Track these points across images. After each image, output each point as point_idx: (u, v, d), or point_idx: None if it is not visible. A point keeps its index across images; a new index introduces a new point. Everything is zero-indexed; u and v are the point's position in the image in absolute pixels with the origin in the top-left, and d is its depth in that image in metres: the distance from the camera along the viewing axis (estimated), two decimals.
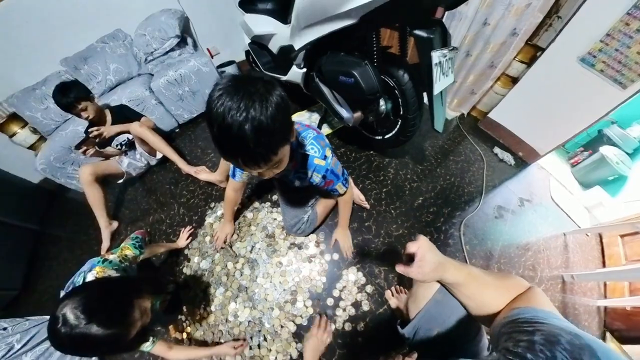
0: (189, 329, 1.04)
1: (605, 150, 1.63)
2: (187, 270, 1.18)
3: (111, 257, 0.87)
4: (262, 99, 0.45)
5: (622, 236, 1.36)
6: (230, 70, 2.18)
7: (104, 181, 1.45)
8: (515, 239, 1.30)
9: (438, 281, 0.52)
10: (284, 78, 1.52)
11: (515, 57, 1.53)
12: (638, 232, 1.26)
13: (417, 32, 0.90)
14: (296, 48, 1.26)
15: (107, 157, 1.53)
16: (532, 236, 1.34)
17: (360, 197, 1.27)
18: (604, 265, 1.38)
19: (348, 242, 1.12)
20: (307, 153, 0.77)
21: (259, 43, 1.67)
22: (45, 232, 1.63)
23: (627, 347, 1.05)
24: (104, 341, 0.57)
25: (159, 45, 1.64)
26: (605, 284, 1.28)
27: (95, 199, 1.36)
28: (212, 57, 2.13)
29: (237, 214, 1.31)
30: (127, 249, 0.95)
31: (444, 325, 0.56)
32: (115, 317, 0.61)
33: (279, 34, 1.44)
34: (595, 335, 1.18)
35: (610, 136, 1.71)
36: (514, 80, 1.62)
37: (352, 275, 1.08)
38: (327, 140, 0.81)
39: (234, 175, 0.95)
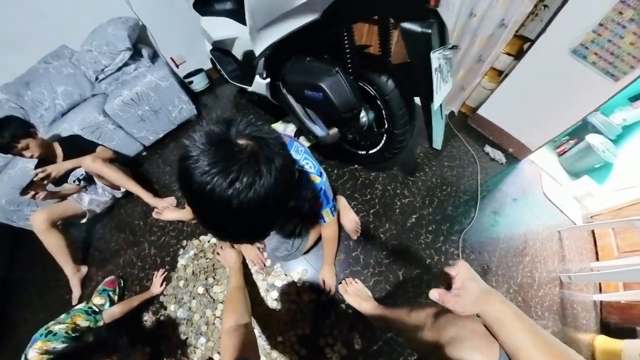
0: None
1: (591, 138, 1.61)
2: (164, 319, 1.07)
3: (56, 328, 0.78)
4: (265, 173, 0.38)
5: (613, 228, 1.35)
6: (199, 79, 1.99)
7: (66, 223, 1.29)
8: (511, 245, 1.25)
9: (478, 316, 0.44)
10: (249, 89, 1.36)
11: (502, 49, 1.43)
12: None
13: (408, 25, 0.67)
14: (256, 54, 1.06)
15: (63, 197, 1.36)
16: (528, 239, 1.30)
17: (355, 221, 1.15)
18: (597, 257, 1.38)
19: (334, 280, 1.04)
20: (302, 169, 0.67)
21: (221, 49, 1.49)
22: (13, 279, 1.47)
23: (625, 342, 1.04)
24: None
25: (109, 61, 1.43)
26: (600, 284, 1.28)
27: (55, 247, 1.20)
28: (177, 66, 1.92)
29: (209, 252, 1.20)
30: (79, 317, 0.84)
31: None
32: None
33: (241, 37, 1.25)
34: (592, 329, 1.22)
35: (594, 124, 1.68)
36: (500, 74, 1.54)
37: (341, 314, 1.00)
38: None
39: None
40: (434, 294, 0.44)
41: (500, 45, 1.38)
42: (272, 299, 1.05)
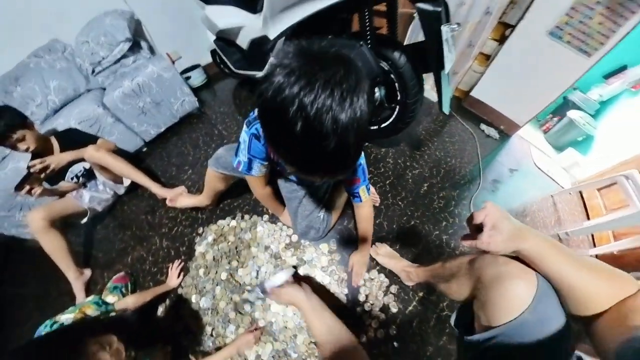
0: None
1: (572, 114, 1.78)
2: (185, 313, 1.01)
3: (63, 317, 0.74)
4: (360, 91, 0.33)
5: (599, 190, 1.50)
6: (196, 75, 1.96)
7: (64, 224, 1.19)
8: (512, 208, 1.36)
9: (516, 257, 0.43)
10: (260, 74, 1.37)
11: (489, 35, 1.57)
12: (612, 184, 1.39)
13: (422, 5, 0.83)
14: (271, 38, 1.12)
15: (62, 194, 1.26)
16: (526, 203, 1.41)
17: (371, 190, 1.19)
18: (587, 217, 1.51)
19: (364, 269, 0.99)
20: None
21: (225, 39, 1.50)
22: (7, 294, 1.31)
23: None
24: None
25: (107, 53, 1.38)
26: (592, 235, 1.40)
27: (54, 248, 1.11)
28: (172, 62, 1.88)
29: (230, 235, 1.17)
30: (89, 308, 0.78)
31: (532, 341, 0.40)
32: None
33: (248, 25, 1.29)
34: None
35: (574, 101, 1.86)
36: (488, 58, 1.68)
37: (374, 279, 1.01)
38: None
39: (250, 170, 0.74)
40: (466, 241, 0.44)
41: (487, 30, 1.51)
42: (303, 274, 1.04)
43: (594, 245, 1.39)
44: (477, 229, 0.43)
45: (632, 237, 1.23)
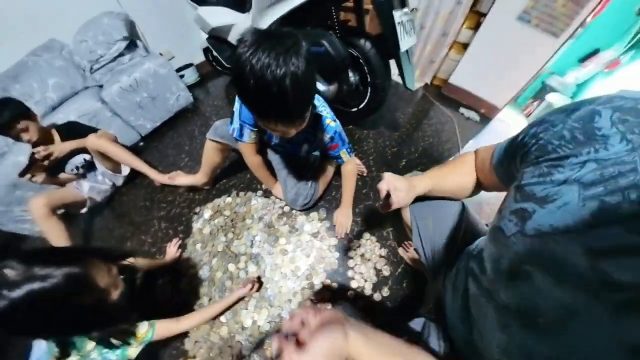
0: (202, 351, 0.91)
1: (550, 97, 1.87)
2: (183, 287, 1.05)
3: None
4: (296, 53, 0.46)
5: None
6: (189, 73, 2.05)
7: (64, 215, 1.24)
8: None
9: (416, 199, 0.58)
10: None
11: (463, 24, 1.67)
12: None
13: None
14: None
15: (62, 184, 1.32)
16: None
17: (356, 162, 1.29)
18: None
19: (348, 222, 1.10)
20: (320, 113, 0.78)
21: (217, 37, 1.60)
22: None
23: None
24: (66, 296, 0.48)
25: (105, 51, 1.46)
26: None
27: (56, 235, 1.14)
28: None
29: (226, 210, 1.23)
30: None
31: (438, 218, 0.61)
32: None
33: (238, 24, 1.40)
34: None
35: (552, 85, 1.96)
36: (465, 46, 1.78)
37: (365, 243, 1.08)
38: None
39: (241, 136, 0.86)
40: (382, 208, 0.56)
41: (459, 20, 1.62)
42: (295, 240, 1.10)
43: None
44: (387, 198, 0.55)
45: None
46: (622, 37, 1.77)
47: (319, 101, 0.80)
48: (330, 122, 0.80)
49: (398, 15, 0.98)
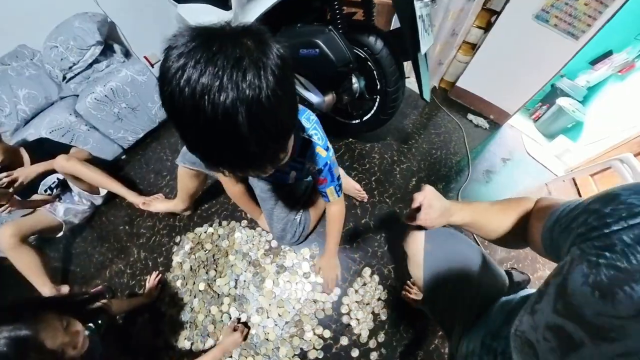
0: None
1: (561, 101, 1.75)
2: (163, 327, 0.95)
3: None
4: (257, 65, 0.28)
5: (591, 175, 1.46)
6: None
7: (40, 239, 1.14)
8: (507, 197, 1.32)
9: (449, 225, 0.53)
10: None
11: (473, 23, 1.52)
12: (604, 170, 1.35)
13: None
14: None
15: (35, 207, 1.20)
16: (520, 192, 1.38)
17: (355, 187, 1.15)
18: None
19: (334, 273, 0.92)
20: (311, 139, 0.62)
21: None
22: None
23: None
24: None
25: (77, 58, 1.32)
26: None
27: (26, 265, 1.04)
28: (152, 65, 1.83)
29: (208, 243, 1.11)
30: None
31: (450, 270, 0.54)
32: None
33: (220, 21, 1.25)
34: None
35: (562, 88, 1.83)
36: (474, 47, 1.64)
37: (363, 284, 0.96)
38: None
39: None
40: (409, 221, 0.52)
41: (470, 18, 1.47)
42: (284, 281, 0.99)
43: None
44: (416, 210, 0.50)
45: None
46: (636, 38, 1.64)
47: (309, 122, 0.63)
48: (321, 151, 0.65)
49: (419, 6, 0.79)
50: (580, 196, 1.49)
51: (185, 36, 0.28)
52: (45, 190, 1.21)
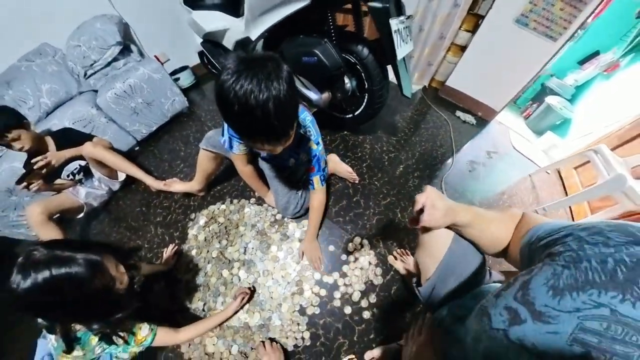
0: (196, 353, 0.94)
1: (550, 99, 1.86)
2: (180, 293, 1.07)
3: None
4: (277, 77, 0.48)
5: (575, 168, 1.57)
6: (185, 76, 2.04)
7: (61, 220, 1.25)
8: (490, 187, 1.44)
9: (448, 227, 0.53)
10: None
11: (460, 27, 1.65)
12: (587, 162, 1.46)
13: (372, 3, 0.96)
14: (253, 39, 1.24)
15: (58, 190, 1.32)
16: (504, 181, 1.49)
17: (348, 170, 1.29)
18: (566, 195, 1.58)
19: (316, 253, 1.05)
20: (306, 135, 0.82)
21: (212, 41, 1.58)
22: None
23: None
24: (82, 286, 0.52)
25: (98, 56, 1.45)
26: (571, 209, 1.46)
27: None
28: (162, 64, 1.96)
29: (220, 217, 1.25)
30: None
31: (461, 275, 0.56)
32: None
33: (232, 28, 1.38)
34: None
35: (551, 87, 1.95)
36: (463, 49, 1.76)
37: (355, 251, 1.09)
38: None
39: (231, 148, 0.87)
40: (412, 223, 0.52)
41: (456, 22, 1.60)
42: (287, 247, 1.12)
43: (573, 219, 1.46)
44: (420, 212, 0.50)
45: (606, 209, 1.30)
46: (621, 39, 1.75)
47: (305, 120, 0.81)
48: (313, 144, 0.83)
49: (395, 23, 0.97)
50: (564, 187, 1.59)
51: (235, 61, 0.48)
52: (68, 176, 1.33)
